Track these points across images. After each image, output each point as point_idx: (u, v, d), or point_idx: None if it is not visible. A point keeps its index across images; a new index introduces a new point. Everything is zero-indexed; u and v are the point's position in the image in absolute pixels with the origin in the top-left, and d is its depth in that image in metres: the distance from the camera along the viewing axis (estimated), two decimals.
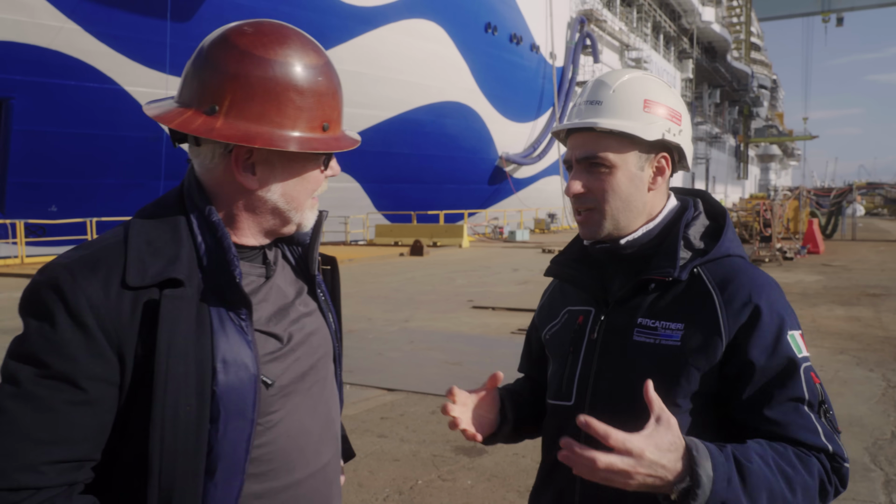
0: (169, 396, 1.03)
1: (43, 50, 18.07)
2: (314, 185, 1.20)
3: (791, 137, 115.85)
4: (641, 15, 53.87)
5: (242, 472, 1.10)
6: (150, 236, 1.10)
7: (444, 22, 28.48)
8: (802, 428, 1.21)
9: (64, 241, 19.55)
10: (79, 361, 1.01)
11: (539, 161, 36.64)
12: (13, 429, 0.99)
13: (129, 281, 1.05)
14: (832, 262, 17.23)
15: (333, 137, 1.16)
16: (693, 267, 1.32)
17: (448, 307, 10.68)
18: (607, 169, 1.33)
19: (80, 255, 1.08)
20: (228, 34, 1.10)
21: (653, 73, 1.42)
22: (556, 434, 1.38)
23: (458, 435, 5.03)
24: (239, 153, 1.12)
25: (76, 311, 1.02)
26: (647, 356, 1.29)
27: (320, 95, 1.13)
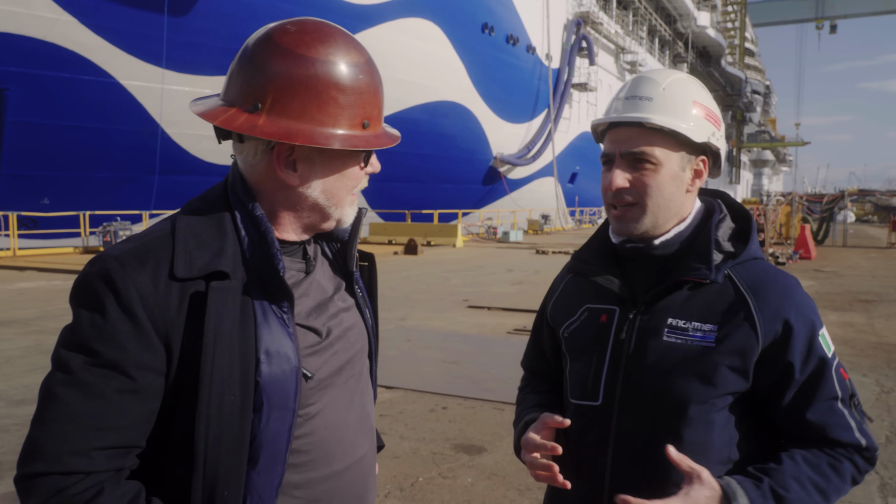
0: (214, 386, 1.05)
1: (38, 42, 17.95)
2: (354, 181, 1.21)
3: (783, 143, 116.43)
4: (637, 18, 54.02)
5: (283, 461, 1.12)
6: (197, 230, 1.12)
7: (442, 21, 28.48)
8: (838, 427, 1.26)
9: (56, 234, 19.45)
10: (128, 350, 1.03)
11: (533, 162, 36.67)
12: (64, 415, 1.01)
13: (177, 272, 1.07)
14: (824, 268, 17.34)
15: (374, 135, 1.17)
16: (724, 269, 1.33)
17: (444, 306, 10.69)
18: (653, 166, 1.32)
19: (129, 248, 1.10)
20: (272, 33, 1.12)
21: (692, 77, 1.43)
22: (581, 434, 1.39)
23: (458, 433, 5.03)
24: (281, 150, 1.13)
25: (126, 301, 1.04)
26: (678, 356, 1.30)
27: (361, 93, 1.14)
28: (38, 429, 1.02)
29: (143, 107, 20.26)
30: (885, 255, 21.82)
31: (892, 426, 5.31)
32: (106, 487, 1.01)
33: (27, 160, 18.64)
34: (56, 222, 19.43)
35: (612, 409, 1.35)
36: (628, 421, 1.33)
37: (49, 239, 19.52)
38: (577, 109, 41.98)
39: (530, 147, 36.63)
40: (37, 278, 14.09)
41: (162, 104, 20.32)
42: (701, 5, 69.32)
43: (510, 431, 5.46)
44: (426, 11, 27.55)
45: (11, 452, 4.59)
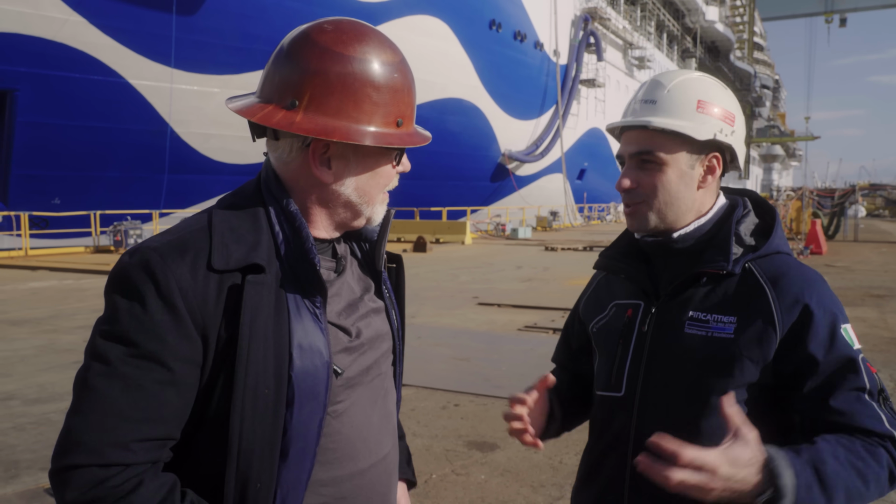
0: (249, 379, 1.06)
1: (47, 42, 18.05)
2: (386, 179, 1.22)
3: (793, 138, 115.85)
4: (645, 13, 53.82)
5: (313, 455, 1.13)
6: (232, 224, 1.13)
7: (449, 18, 28.46)
8: (867, 416, 1.24)
9: (67, 234, 19.57)
10: (167, 342, 1.04)
11: (542, 159, 36.63)
12: (104, 406, 1.02)
13: (215, 264, 1.08)
14: (835, 263, 17.24)
15: (407, 133, 1.18)
16: (745, 262, 1.35)
17: (453, 304, 10.70)
18: (657, 165, 1.36)
19: (168, 240, 1.10)
20: (309, 31, 1.14)
21: (707, 75, 1.44)
22: (605, 425, 1.44)
23: (470, 430, 5.03)
24: (316, 147, 1.14)
25: (166, 292, 1.04)
26: (699, 348, 1.32)
27: (395, 91, 1.15)
28: (76, 421, 1.02)
29: (153, 106, 20.35)
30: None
31: None
32: (145, 479, 1.02)
33: (37, 160, 18.75)
34: (67, 222, 19.55)
35: (633, 400, 1.38)
36: (649, 411, 1.36)
37: (60, 238, 19.65)
38: (585, 105, 41.88)
39: (538, 144, 36.59)
40: (49, 278, 14.18)
41: (171, 103, 20.40)
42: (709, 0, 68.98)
43: None
44: (433, 8, 27.54)
45: (28, 451, 4.62)
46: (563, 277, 13.96)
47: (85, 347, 1.10)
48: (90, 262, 16.56)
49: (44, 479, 4.17)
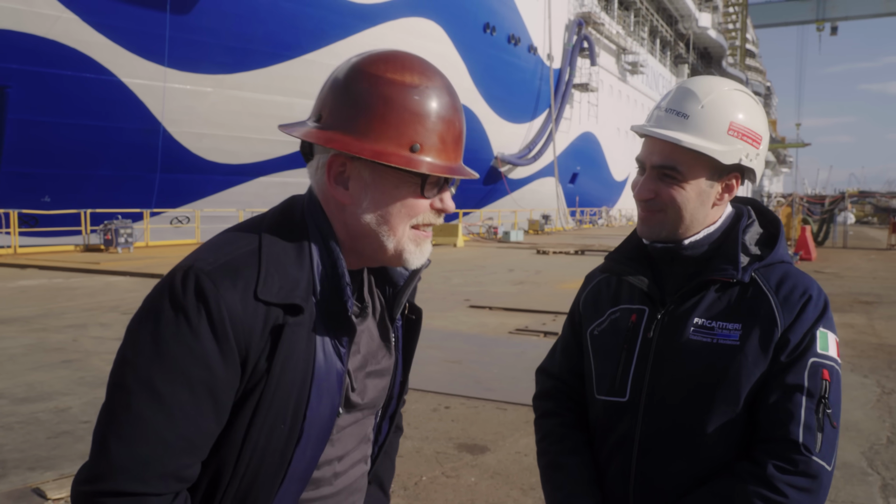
0: (270, 416, 1.08)
1: (40, 39, 17.94)
2: (410, 210, 1.14)
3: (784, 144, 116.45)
4: (639, 19, 54.05)
5: (307, 482, 1.17)
6: (280, 256, 1.11)
7: (443, 21, 28.50)
8: (785, 415, 1.27)
9: (57, 232, 19.45)
10: (217, 372, 1.04)
11: (534, 162, 36.70)
12: (150, 434, 1.01)
13: (260, 295, 1.06)
14: (824, 269, 17.35)
15: (421, 159, 1.10)
16: (751, 271, 1.37)
17: (445, 306, 10.70)
18: (680, 182, 1.36)
19: (220, 262, 1.07)
20: (359, 55, 1.15)
21: (743, 87, 1.41)
22: (608, 429, 1.44)
23: (461, 432, 5.04)
24: (332, 163, 1.13)
25: (218, 320, 1.03)
26: (704, 355, 1.33)
27: (412, 114, 1.09)
28: (119, 446, 1.00)
29: (145, 105, 20.26)
30: (886, 257, 21.85)
31: (892, 427, 5.32)
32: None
33: (28, 158, 18.64)
34: (57, 220, 19.45)
35: (638, 405, 1.39)
36: (654, 416, 1.37)
37: (50, 237, 19.53)
38: (578, 110, 42.01)
39: (531, 147, 36.66)
40: (38, 276, 14.10)
41: (164, 102, 20.33)
42: (702, 6, 69.36)
43: (513, 431, 5.46)
44: (428, 11, 27.57)
45: (16, 451, 4.59)
46: (555, 281, 13.99)
47: (118, 360, 1.07)
48: (80, 261, 16.47)
49: (32, 478, 4.14)
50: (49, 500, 3.87)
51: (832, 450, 1.27)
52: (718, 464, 1.32)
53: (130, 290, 11.92)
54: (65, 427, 5.07)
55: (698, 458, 1.33)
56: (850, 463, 4.56)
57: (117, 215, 19.95)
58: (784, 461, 1.24)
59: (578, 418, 1.55)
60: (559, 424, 1.55)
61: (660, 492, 1.35)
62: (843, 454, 4.69)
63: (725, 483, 1.28)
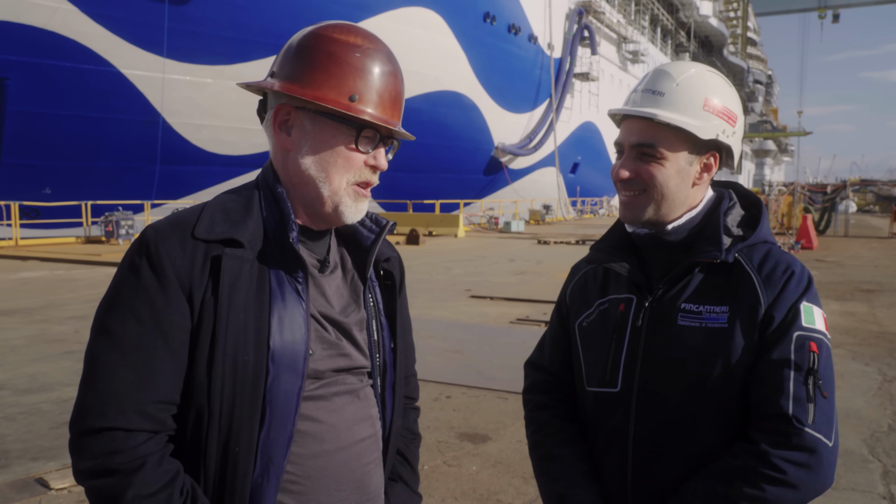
0: (229, 346, 1.13)
1: (39, 30, 17.88)
2: (346, 161, 1.23)
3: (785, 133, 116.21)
4: (639, 7, 53.80)
5: (293, 424, 1.18)
6: (226, 206, 1.23)
7: (443, 11, 28.37)
8: (775, 390, 1.25)
9: (58, 224, 19.46)
10: (157, 305, 1.11)
11: (535, 152, 36.62)
12: (107, 374, 1.09)
13: (197, 233, 1.16)
14: (826, 258, 17.35)
15: (358, 108, 1.20)
16: (734, 252, 1.36)
17: (446, 296, 10.71)
18: (657, 159, 1.36)
19: (166, 220, 1.21)
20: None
21: (714, 70, 1.43)
22: (601, 421, 1.42)
23: (462, 421, 5.05)
24: (279, 113, 1.23)
25: (157, 261, 1.13)
26: (693, 339, 1.33)
27: (350, 67, 1.20)
28: (84, 390, 1.10)
29: (144, 96, 20.21)
30: (887, 245, 21.82)
31: (894, 415, 5.33)
32: (148, 461, 1.07)
33: (28, 149, 18.62)
34: (58, 212, 19.43)
35: (631, 395, 1.37)
36: (648, 405, 1.36)
37: (51, 228, 19.54)
38: (578, 99, 41.88)
39: (532, 137, 36.57)
40: (39, 268, 14.11)
41: (163, 93, 20.28)
42: None
43: (514, 420, 5.46)
44: (428, 1, 27.45)
45: (19, 441, 4.61)
46: (556, 270, 13.98)
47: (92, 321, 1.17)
48: (81, 253, 16.48)
49: (35, 468, 4.16)
50: (52, 490, 3.89)
51: (829, 422, 1.24)
52: (716, 448, 1.31)
53: None
54: (67, 418, 5.05)
55: (695, 445, 1.32)
56: (851, 450, 4.57)
57: (118, 207, 19.95)
58: (777, 435, 1.23)
59: (570, 410, 1.53)
60: (553, 416, 1.53)
61: (658, 481, 1.34)
62: (844, 441, 4.70)
63: (724, 464, 1.27)
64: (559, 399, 1.55)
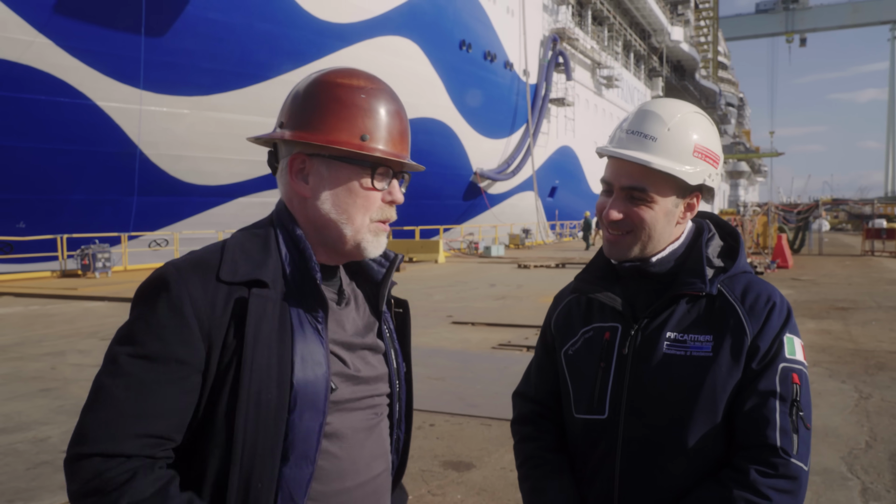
0: (253, 385, 1.15)
1: (13, 64, 17.77)
2: (364, 200, 1.28)
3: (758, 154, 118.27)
4: (612, 34, 54.76)
5: (314, 461, 1.20)
6: (245, 246, 1.25)
7: (419, 39, 28.68)
8: (761, 421, 1.31)
9: (33, 259, 19.19)
10: (169, 343, 1.13)
11: (513, 177, 36.90)
12: (107, 402, 1.11)
13: (222, 276, 1.18)
14: (801, 277, 17.60)
15: (370, 146, 1.25)
16: (717, 283, 1.41)
17: (427, 322, 10.70)
18: (648, 202, 1.40)
19: (187, 258, 1.23)
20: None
21: (698, 109, 1.47)
22: (590, 448, 1.45)
23: (446, 449, 5.02)
24: (294, 162, 1.27)
25: (177, 300, 1.15)
26: (679, 367, 1.37)
27: (358, 109, 1.25)
28: (84, 416, 1.12)
29: (121, 128, 20.10)
30: (860, 263, 22.20)
31: (871, 431, 5.40)
32: (139, 472, 1.09)
33: (2, 183, 18.38)
34: (32, 246, 19.14)
35: (618, 422, 1.41)
36: (634, 432, 1.39)
37: (25, 263, 19.24)
38: (555, 124, 42.39)
39: (510, 162, 36.87)
40: (14, 304, 13.88)
41: (140, 125, 20.20)
42: (674, 20, 70.45)
43: (498, 447, 5.45)
44: (404, 29, 27.74)
45: None
46: (537, 295, 14.04)
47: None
48: (57, 287, 16.25)
49: None
50: None
51: (807, 450, 1.31)
52: (701, 473, 1.35)
53: (109, 316, 11.78)
54: (44, 457, 4.99)
55: (681, 471, 1.35)
56: (830, 468, 4.62)
57: (94, 240, 19.71)
58: (765, 465, 1.28)
59: (557, 441, 1.56)
60: (539, 448, 1.56)
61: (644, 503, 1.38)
62: (822, 460, 4.75)
63: (711, 491, 1.31)
64: (546, 429, 1.58)
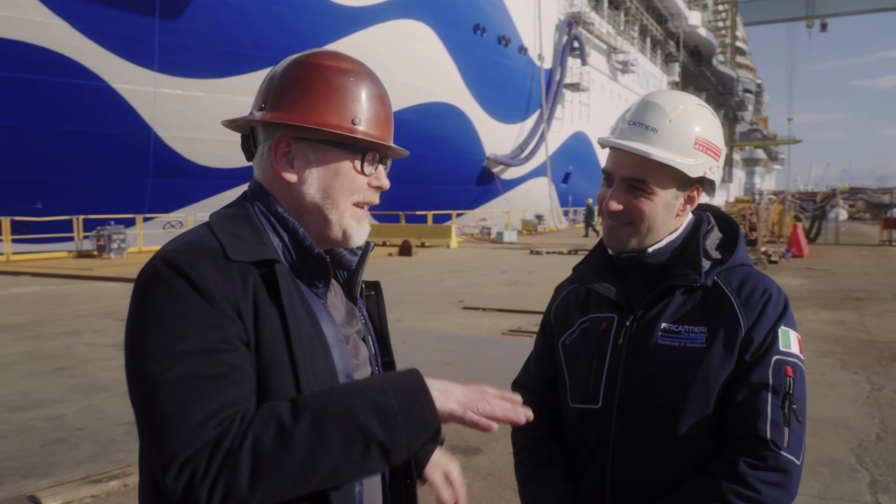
0: (307, 355, 1.12)
1: (29, 46, 17.91)
2: (350, 184, 1.24)
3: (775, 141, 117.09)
4: (629, 18, 54.22)
5: None
6: (232, 229, 1.18)
7: (434, 23, 28.55)
8: (751, 413, 1.31)
9: (49, 239, 19.41)
10: (216, 328, 1.07)
11: (527, 162, 36.78)
12: (184, 403, 1.02)
13: (232, 256, 1.12)
14: (816, 266, 17.46)
15: (363, 131, 1.22)
16: (713, 275, 1.41)
17: (438, 308, 10.74)
18: (648, 194, 1.40)
19: (179, 245, 1.13)
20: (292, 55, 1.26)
21: (702, 101, 1.47)
22: (584, 436, 1.47)
23: (454, 435, 5.06)
24: (278, 145, 1.22)
25: (200, 284, 1.08)
26: (672, 358, 1.37)
27: (350, 94, 1.22)
28: (164, 424, 1.01)
29: (136, 110, 20.24)
30: (877, 253, 21.97)
31: (882, 423, 5.38)
32: (237, 433, 1.01)
33: (19, 164, 18.59)
34: (49, 227, 19.39)
35: (611, 411, 1.42)
36: (627, 421, 1.41)
37: (42, 243, 19.48)
38: (569, 109, 42.12)
39: (523, 147, 36.74)
40: (31, 283, 14.07)
41: (154, 107, 20.31)
42: (692, 5, 69.63)
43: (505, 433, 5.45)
44: (418, 13, 27.61)
45: (11, 458, 4.61)
46: (548, 281, 14.04)
47: (129, 353, 1.09)
48: (73, 268, 16.44)
49: (27, 486, 4.16)
50: None
51: (800, 444, 1.30)
52: (692, 464, 1.35)
53: (124, 296, 11.92)
54: (59, 434, 5.08)
55: (672, 460, 1.37)
56: (839, 460, 4.61)
57: (110, 221, 19.91)
58: (754, 457, 1.28)
59: (553, 430, 1.58)
60: (534, 437, 1.58)
61: (635, 494, 1.39)
62: (831, 451, 4.74)
63: (701, 482, 1.32)
64: (543, 419, 1.59)
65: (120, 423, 5.27)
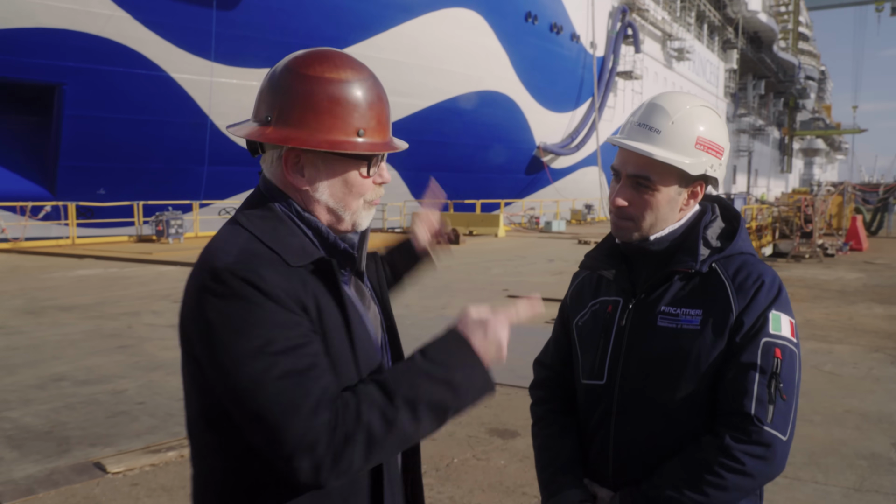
0: (363, 352, 1.28)
1: (93, 37, 18.61)
2: (359, 188, 1.32)
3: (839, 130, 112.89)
4: (685, 3, 52.94)
5: None
6: (274, 235, 1.26)
7: (485, 11, 28.47)
8: (738, 392, 1.41)
9: (111, 224, 20.21)
10: (294, 327, 1.17)
11: (577, 152, 36.45)
12: (293, 400, 1.11)
13: (290, 262, 1.22)
14: (875, 260, 16.94)
15: (368, 142, 1.28)
16: (711, 262, 1.52)
17: (483, 296, 10.86)
18: (652, 190, 1.52)
19: (236, 253, 1.20)
20: (288, 58, 1.32)
21: (707, 102, 1.58)
22: (590, 409, 1.62)
23: (493, 418, 5.18)
24: (288, 156, 1.28)
25: (268, 290, 1.16)
26: (670, 339, 1.49)
27: (355, 106, 1.27)
28: (276, 418, 1.10)
29: (193, 99, 20.86)
30: None
31: None
32: (347, 416, 1.13)
33: (84, 152, 19.40)
34: (111, 212, 20.18)
35: (614, 387, 1.56)
36: (627, 397, 1.54)
37: (105, 228, 20.31)
38: (622, 98, 41.49)
39: (574, 136, 36.40)
40: (94, 266, 14.73)
41: (211, 96, 20.88)
42: None
43: None
44: (469, 1, 27.57)
45: (78, 428, 4.94)
46: None
47: (215, 361, 1.16)
48: (133, 252, 17.12)
49: (93, 453, 4.47)
50: (109, 474, 4.18)
51: (785, 421, 1.40)
52: (686, 435, 1.47)
53: (181, 280, 12.28)
54: (122, 407, 5.41)
55: (668, 431, 1.49)
56: (878, 453, 4.58)
57: (168, 207, 20.61)
58: (739, 432, 1.39)
59: (566, 404, 1.73)
60: (549, 411, 1.75)
61: (635, 461, 1.52)
62: (871, 444, 4.72)
63: (692, 453, 1.44)
64: (557, 395, 1.75)
65: (177, 399, 5.57)
